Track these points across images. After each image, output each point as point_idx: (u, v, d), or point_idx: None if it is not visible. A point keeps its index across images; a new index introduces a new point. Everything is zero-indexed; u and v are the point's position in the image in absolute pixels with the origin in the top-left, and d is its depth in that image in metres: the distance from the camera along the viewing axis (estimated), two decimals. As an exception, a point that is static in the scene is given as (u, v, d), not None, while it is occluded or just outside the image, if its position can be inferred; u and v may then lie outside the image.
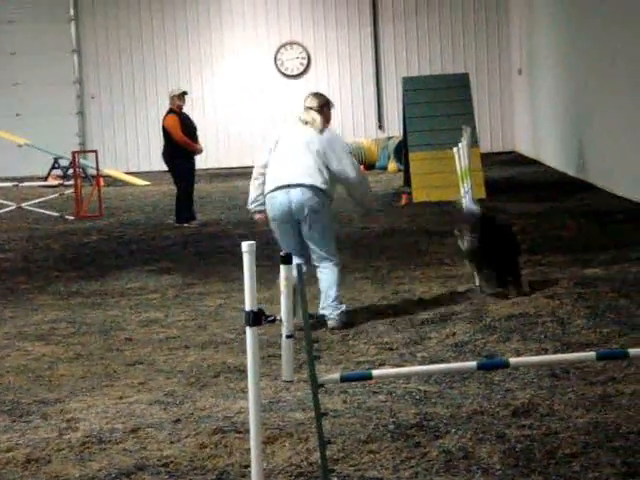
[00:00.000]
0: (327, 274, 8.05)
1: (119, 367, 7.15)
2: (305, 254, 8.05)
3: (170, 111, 15.04)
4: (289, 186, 7.92)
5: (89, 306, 9.33)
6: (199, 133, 15.36)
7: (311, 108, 8.16)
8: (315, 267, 8.09)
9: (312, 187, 7.91)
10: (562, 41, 19.08)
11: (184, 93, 15.21)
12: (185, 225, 14.70)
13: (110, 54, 25.54)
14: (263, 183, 8.12)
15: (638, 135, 13.75)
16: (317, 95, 8.38)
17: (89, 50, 25.60)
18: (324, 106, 8.21)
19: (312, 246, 8.03)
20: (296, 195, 7.91)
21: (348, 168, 8.01)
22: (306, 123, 8.09)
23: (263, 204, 8.14)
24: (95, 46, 25.56)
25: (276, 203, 7.98)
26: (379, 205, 16.16)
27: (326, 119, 8.20)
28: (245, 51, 25.58)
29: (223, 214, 16.11)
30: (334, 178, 8.02)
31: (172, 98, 15.08)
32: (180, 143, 14.71)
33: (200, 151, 15.09)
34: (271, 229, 8.25)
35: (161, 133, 15.29)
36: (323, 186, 7.94)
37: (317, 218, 7.95)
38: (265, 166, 8.14)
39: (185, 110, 15.41)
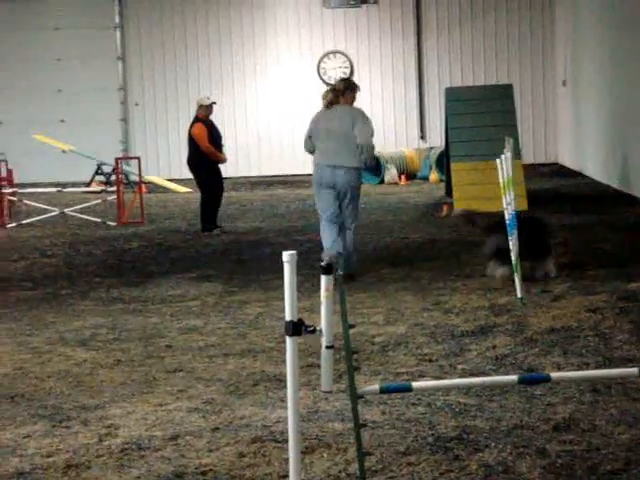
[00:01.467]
0: (351, 234, 10.56)
1: (159, 374, 7.17)
2: (337, 216, 10.44)
3: (197, 119, 15.04)
4: (335, 166, 10.29)
5: (130, 312, 9.38)
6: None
7: (334, 89, 10.54)
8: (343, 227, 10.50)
9: (352, 168, 10.32)
10: (607, 52, 18.94)
11: (213, 103, 15.20)
12: (207, 234, 14.76)
13: (154, 62, 25.71)
14: (312, 146, 10.51)
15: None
16: (343, 80, 10.96)
17: (134, 57, 25.79)
18: (347, 89, 10.47)
19: (346, 211, 10.46)
20: (340, 174, 10.32)
21: (365, 135, 10.27)
22: (331, 104, 10.40)
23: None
24: (140, 54, 25.75)
25: (324, 175, 10.37)
26: (420, 215, 16.15)
27: (348, 101, 10.46)
28: (288, 59, 25.64)
29: (264, 222, 16.15)
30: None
31: (200, 107, 15.03)
32: (206, 152, 14.76)
33: (224, 161, 15.11)
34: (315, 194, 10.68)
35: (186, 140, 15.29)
36: (359, 164, 10.36)
37: (353, 192, 10.44)
38: (310, 137, 10.48)
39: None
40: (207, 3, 25.61)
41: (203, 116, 14.98)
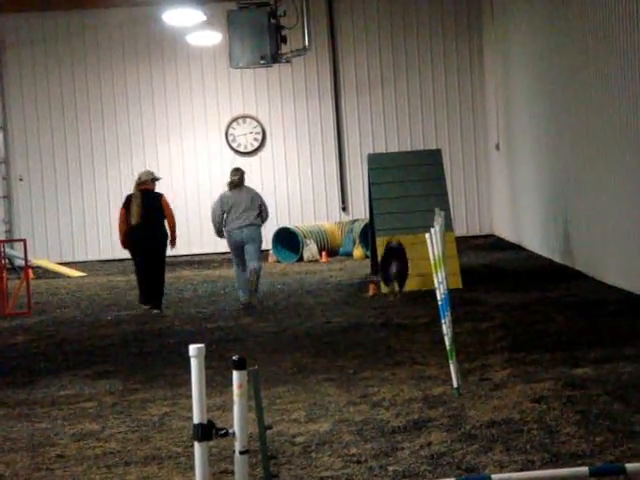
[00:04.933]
0: (257, 271, 15.66)
1: (50, 488, 7.04)
2: (244, 262, 15.68)
3: (159, 193, 15.94)
4: (241, 227, 15.55)
5: (15, 418, 9.23)
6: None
7: (235, 179, 15.88)
8: (249, 270, 15.71)
9: (254, 225, 15.62)
10: (543, 113, 19.37)
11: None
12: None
13: (41, 131, 25.62)
14: (222, 223, 15.73)
15: (628, 218, 13.91)
16: (237, 169, 16.06)
17: (16, 125, 25.67)
18: (242, 176, 15.90)
19: (251, 255, 15.63)
20: (246, 231, 15.59)
21: (263, 206, 15.82)
22: (236, 187, 15.73)
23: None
24: (23, 120, 25.64)
25: (235, 236, 15.62)
26: (344, 296, 16.22)
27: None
28: (192, 128, 25.76)
29: (168, 309, 16.06)
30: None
31: (152, 180, 15.99)
32: (173, 227, 15.72)
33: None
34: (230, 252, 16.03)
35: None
36: (259, 223, 15.71)
37: (256, 242, 15.74)
38: (221, 215, 15.60)
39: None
40: (99, 61, 25.64)
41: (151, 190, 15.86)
